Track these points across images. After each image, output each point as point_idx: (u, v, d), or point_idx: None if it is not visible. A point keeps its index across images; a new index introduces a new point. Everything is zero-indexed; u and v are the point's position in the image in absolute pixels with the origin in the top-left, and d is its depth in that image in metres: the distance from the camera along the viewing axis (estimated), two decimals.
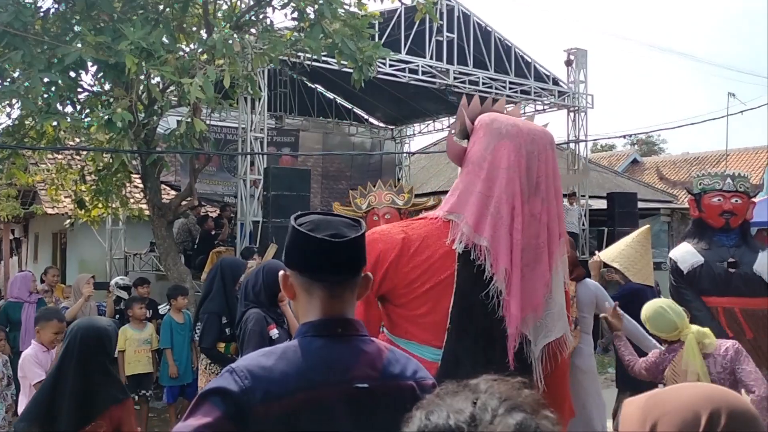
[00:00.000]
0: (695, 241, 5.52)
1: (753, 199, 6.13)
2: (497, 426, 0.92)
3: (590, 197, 14.52)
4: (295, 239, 1.63)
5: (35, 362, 4.32)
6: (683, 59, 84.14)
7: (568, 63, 14.18)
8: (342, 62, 7.65)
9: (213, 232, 11.41)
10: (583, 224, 14.15)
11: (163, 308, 8.00)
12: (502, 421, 0.93)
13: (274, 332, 4.32)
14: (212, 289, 5.29)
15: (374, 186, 6.18)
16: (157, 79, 7.20)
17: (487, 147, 2.74)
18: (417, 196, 14.62)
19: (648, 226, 5.87)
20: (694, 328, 3.65)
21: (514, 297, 2.57)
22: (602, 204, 14.14)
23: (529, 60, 13.56)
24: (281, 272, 1.66)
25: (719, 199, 5.87)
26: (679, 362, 3.54)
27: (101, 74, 6.86)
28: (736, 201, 5.84)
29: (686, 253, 5.39)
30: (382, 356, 1.59)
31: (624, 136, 39.51)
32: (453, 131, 3.05)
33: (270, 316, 4.35)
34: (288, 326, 4.47)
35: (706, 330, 3.71)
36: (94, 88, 7.68)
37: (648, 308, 3.72)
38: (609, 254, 5.62)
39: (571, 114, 14.30)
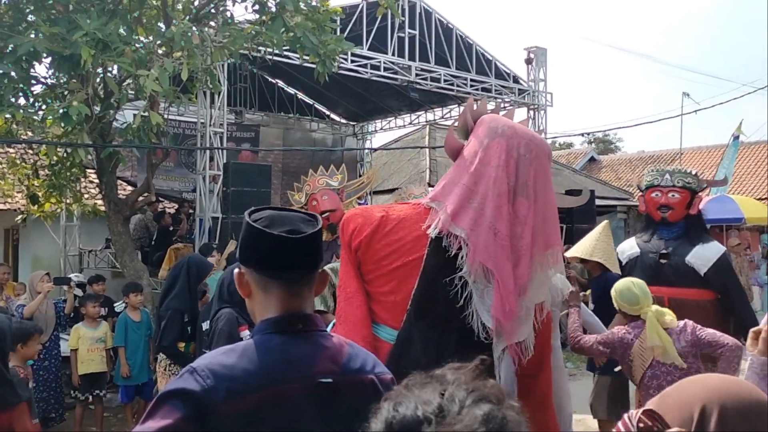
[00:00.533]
0: (641, 235, 5.87)
1: (700, 194, 6.34)
2: (464, 417, 0.93)
3: None
4: (250, 236, 1.58)
5: None
6: (639, 59, 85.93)
7: (528, 61, 14.33)
8: (304, 56, 7.57)
9: (171, 228, 11.23)
10: None
11: (119, 306, 7.83)
12: (470, 412, 0.94)
13: (246, 333, 4.20)
14: (175, 286, 5.20)
15: (300, 181, 6.25)
16: (114, 71, 7.04)
17: (481, 143, 2.74)
18: (378, 192, 14.60)
19: (607, 221, 6.02)
20: (654, 307, 3.95)
21: (505, 293, 2.57)
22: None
23: (490, 58, 13.66)
24: (236, 270, 1.63)
25: (657, 194, 6.13)
26: (645, 338, 3.79)
27: (56, 66, 6.66)
28: (673, 195, 6.07)
29: (626, 245, 5.79)
30: (342, 351, 1.59)
31: (583, 134, 40.10)
32: (455, 125, 3.05)
33: (243, 317, 4.23)
34: None
35: (665, 309, 4.00)
36: (49, 81, 7.47)
37: (619, 282, 4.14)
38: (584, 250, 5.72)
39: (531, 112, 14.46)
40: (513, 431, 0.95)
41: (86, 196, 10.49)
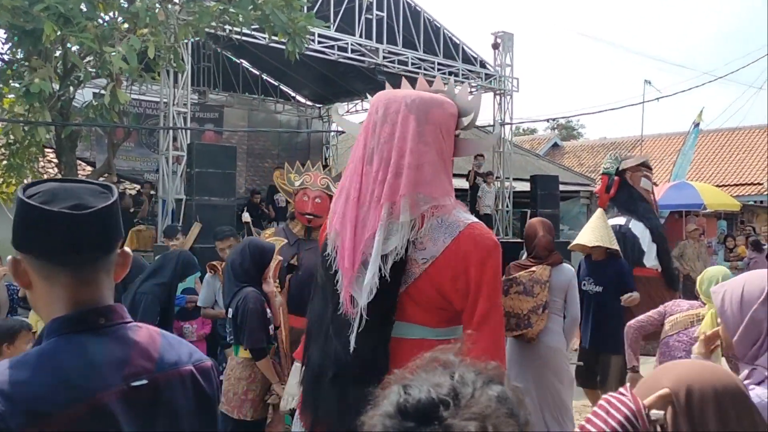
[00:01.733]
0: None
1: (617, 177, 6.67)
2: (480, 398, 0.94)
3: (514, 179, 14.81)
4: (25, 215, 1.30)
5: None
6: (603, 45, 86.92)
7: (495, 46, 14.34)
8: (272, 36, 7.42)
9: (131, 210, 10.98)
10: (507, 206, 14.44)
11: None
12: (483, 394, 0.95)
13: (268, 311, 4.22)
14: (162, 273, 5.08)
15: (313, 166, 6.11)
16: (74, 48, 6.81)
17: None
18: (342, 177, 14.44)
19: (601, 209, 6.11)
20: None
21: (347, 251, 2.69)
22: (525, 186, 14.44)
23: (458, 42, 13.64)
24: (9, 257, 1.38)
25: None
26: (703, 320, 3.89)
27: (16, 41, 6.42)
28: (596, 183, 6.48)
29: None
30: (156, 344, 1.39)
31: (548, 120, 40.53)
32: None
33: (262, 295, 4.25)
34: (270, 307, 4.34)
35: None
36: (5, 56, 7.20)
37: (714, 269, 4.17)
38: (588, 238, 5.67)
39: (498, 97, 14.50)
40: (521, 411, 0.98)
41: (45, 176, 10.19)
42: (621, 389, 1.39)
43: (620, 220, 6.37)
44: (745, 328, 1.76)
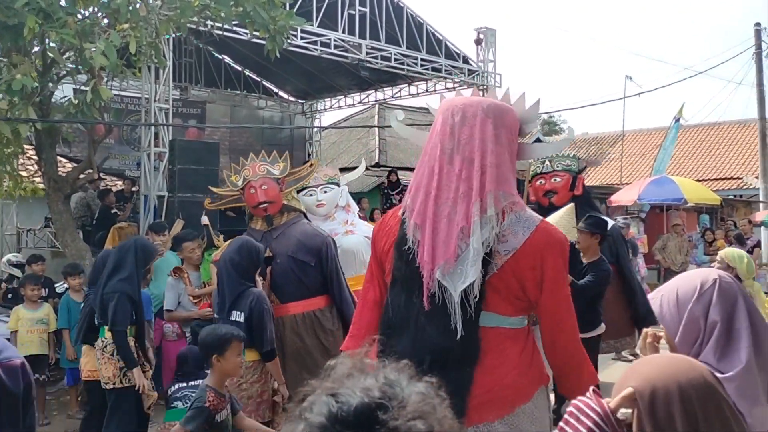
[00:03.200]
0: None
1: (581, 175, 6.68)
2: (411, 397, 0.94)
3: None
4: None
5: None
6: (584, 41, 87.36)
7: (478, 42, 14.37)
8: (254, 32, 7.39)
9: (113, 210, 10.84)
10: None
11: (60, 287, 7.58)
12: (411, 392, 0.95)
13: None
14: (123, 268, 4.96)
15: (247, 160, 6.08)
16: (52, 44, 6.72)
17: (432, 126, 3.10)
18: None
19: (572, 204, 6.11)
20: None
21: (426, 246, 2.85)
22: None
23: (441, 37, 13.66)
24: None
25: (541, 181, 6.49)
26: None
27: None
28: (555, 180, 6.43)
29: None
30: None
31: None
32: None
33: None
34: None
35: None
36: None
37: (742, 252, 4.78)
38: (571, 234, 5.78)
39: (480, 92, 14.49)
40: (441, 401, 0.99)
41: (24, 173, 10.07)
42: (587, 393, 1.42)
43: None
44: (684, 327, 1.79)
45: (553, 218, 5.84)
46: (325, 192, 6.59)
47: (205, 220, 7.08)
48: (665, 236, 12.29)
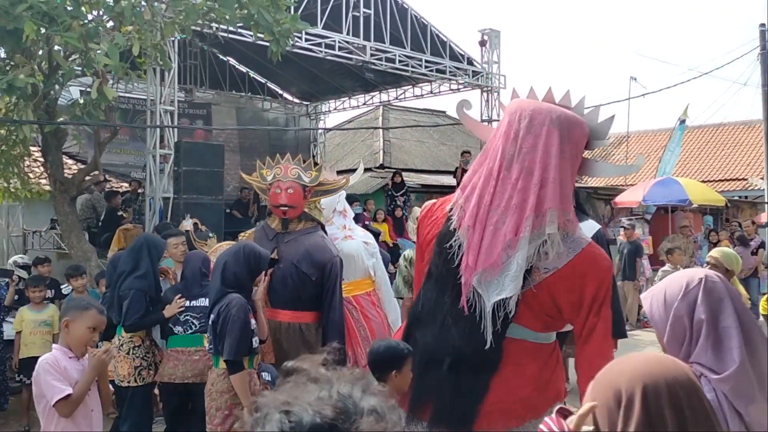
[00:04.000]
0: None
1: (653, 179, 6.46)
2: (363, 413, 0.92)
3: None
4: None
5: (55, 372, 3.17)
6: (588, 42, 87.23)
7: (482, 43, 14.36)
8: (258, 34, 7.42)
9: (119, 213, 10.88)
10: None
11: (66, 288, 7.62)
12: (365, 406, 0.92)
13: (253, 322, 3.97)
14: (139, 266, 5.04)
15: (282, 158, 6.05)
16: (57, 47, 6.76)
17: (497, 125, 3.04)
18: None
19: (416, 208, 6.06)
20: None
21: (473, 250, 2.81)
22: None
23: (445, 39, 13.66)
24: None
25: None
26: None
27: None
28: None
29: None
30: None
31: None
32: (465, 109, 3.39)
33: (249, 304, 3.98)
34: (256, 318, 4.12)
35: None
36: None
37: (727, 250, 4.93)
38: None
39: (485, 94, 14.53)
40: (394, 416, 0.96)
41: (30, 175, 10.12)
42: (551, 415, 1.43)
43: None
44: (670, 326, 1.80)
45: None
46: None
47: (188, 225, 6.87)
48: (671, 237, 12.26)
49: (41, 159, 8.67)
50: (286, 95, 17.67)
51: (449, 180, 13.23)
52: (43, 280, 7.11)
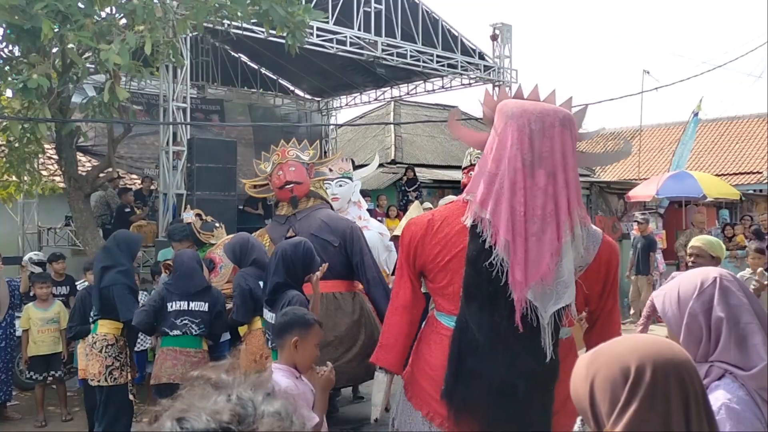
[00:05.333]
0: None
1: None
2: (263, 418, 0.90)
3: None
4: None
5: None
6: (601, 36, 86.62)
7: (494, 38, 14.31)
8: (271, 29, 7.40)
9: (127, 210, 10.92)
10: None
11: (81, 284, 7.67)
12: (265, 411, 0.90)
13: None
14: (118, 261, 4.99)
15: (277, 147, 6.05)
16: (71, 45, 6.81)
17: (497, 131, 2.93)
18: None
19: (417, 202, 5.98)
20: None
21: (518, 265, 2.73)
22: None
23: (456, 34, 13.62)
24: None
25: (464, 177, 6.17)
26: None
27: (14, 39, 6.41)
28: (472, 174, 6.09)
29: None
30: None
31: None
32: (457, 118, 3.43)
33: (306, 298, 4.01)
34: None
35: None
36: (3, 54, 7.20)
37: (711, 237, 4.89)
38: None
39: (496, 89, 14.48)
40: (297, 418, 0.94)
41: (44, 172, 10.20)
42: None
43: None
44: (686, 326, 1.79)
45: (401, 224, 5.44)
46: (340, 186, 6.53)
47: (189, 217, 6.61)
48: (688, 231, 12.18)
49: (55, 156, 8.74)
50: (297, 91, 17.69)
51: (461, 175, 13.21)
52: (47, 277, 7.15)
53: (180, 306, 4.72)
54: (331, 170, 6.57)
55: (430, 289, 3.20)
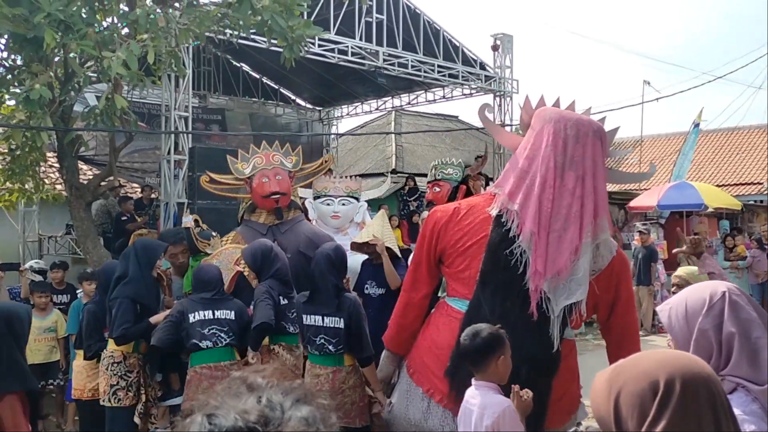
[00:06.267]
0: None
1: (463, 185, 6.07)
2: (289, 422, 0.91)
3: None
4: None
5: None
6: (601, 46, 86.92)
7: (495, 48, 14.35)
8: (272, 40, 7.44)
9: (124, 218, 10.90)
10: None
11: (81, 293, 7.66)
12: (292, 416, 0.92)
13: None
14: (126, 272, 4.70)
15: (259, 148, 5.91)
16: (73, 54, 6.83)
17: (534, 132, 3.12)
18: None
19: (384, 210, 5.91)
20: None
21: (540, 257, 2.91)
22: None
23: (457, 44, 13.67)
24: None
25: (425, 191, 6.13)
26: None
27: (16, 48, 6.43)
28: (435, 190, 5.99)
29: None
30: None
31: None
32: (488, 115, 3.63)
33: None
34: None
35: None
36: (6, 63, 7.23)
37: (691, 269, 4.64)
38: (376, 233, 5.21)
39: (497, 99, 14.51)
40: (327, 428, 0.96)
41: (46, 180, 10.21)
42: None
43: None
44: (695, 341, 1.77)
45: (372, 228, 5.29)
46: (343, 204, 6.40)
47: (188, 222, 6.42)
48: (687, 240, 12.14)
49: (57, 165, 8.75)
50: (298, 101, 17.73)
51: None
52: (46, 286, 7.13)
53: (204, 315, 4.43)
54: (336, 187, 6.47)
55: (446, 275, 3.38)
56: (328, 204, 6.37)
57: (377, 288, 5.14)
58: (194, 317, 4.42)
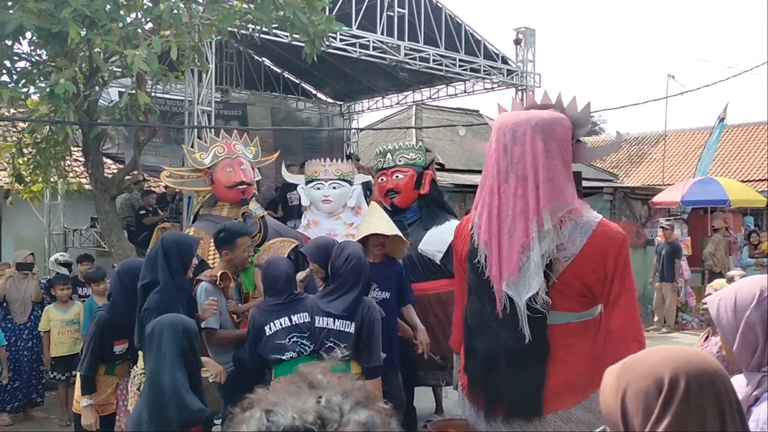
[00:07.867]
0: None
1: (429, 171, 5.53)
2: (347, 426, 0.91)
3: None
4: None
5: None
6: (625, 40, 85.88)
7: (517, 42, 14.25)
8: (294, 35, 7.46)
9: (142, 212, 10.99)
10: None
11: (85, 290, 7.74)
12: (351, 420, 0.91)
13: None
14: (155, 278, 3.96)
15: (219, 137, 5.72)
16: (98, 49, 6.90)
17: (489, 141, 3.35)
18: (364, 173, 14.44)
19: (374, 202, 5.55)
20: None
21: (494, 261, 3.15)
22: None
23: (479, 38, 13.59)
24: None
25: (383, 179, 5.48)
26: None
27: (42, 43, 6.51)
28: (397, 177, 5.39)
29: None
30: None
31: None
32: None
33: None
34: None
35: None
36: (32, 57, 7.32)
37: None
38: (384, 228, 4.87)
39: (520, 93, 14.41)
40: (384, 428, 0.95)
41: (71, 174, 10.34)
42: None
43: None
44: (741, 334, 1.76)
45: (378, 220, 4.90)
46: (334, 188, 6.12)
47: (260, 211, 5.69)
48: (713, 238, 12.04)
49: (81, 159, 8.85)
50: (320, 95, 17.75)
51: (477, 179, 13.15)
52: (67, 278, 7.24)
53: (282, 324, 4.01)
54: (326, 170, 6.24)
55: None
56: (318, 188, 6.12)
57: (381, 292, 4.77)
58: (270, 329, 4.01)
